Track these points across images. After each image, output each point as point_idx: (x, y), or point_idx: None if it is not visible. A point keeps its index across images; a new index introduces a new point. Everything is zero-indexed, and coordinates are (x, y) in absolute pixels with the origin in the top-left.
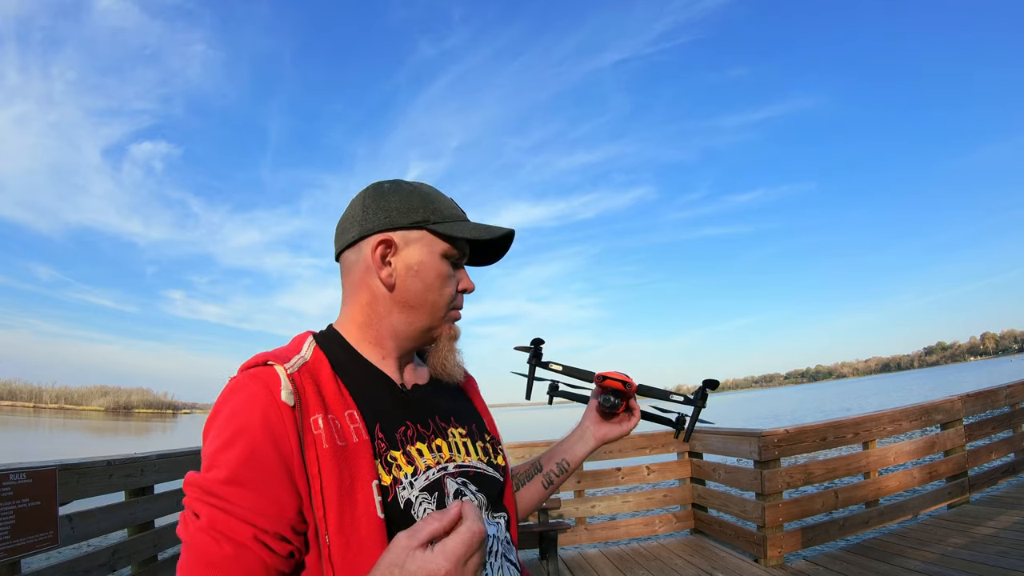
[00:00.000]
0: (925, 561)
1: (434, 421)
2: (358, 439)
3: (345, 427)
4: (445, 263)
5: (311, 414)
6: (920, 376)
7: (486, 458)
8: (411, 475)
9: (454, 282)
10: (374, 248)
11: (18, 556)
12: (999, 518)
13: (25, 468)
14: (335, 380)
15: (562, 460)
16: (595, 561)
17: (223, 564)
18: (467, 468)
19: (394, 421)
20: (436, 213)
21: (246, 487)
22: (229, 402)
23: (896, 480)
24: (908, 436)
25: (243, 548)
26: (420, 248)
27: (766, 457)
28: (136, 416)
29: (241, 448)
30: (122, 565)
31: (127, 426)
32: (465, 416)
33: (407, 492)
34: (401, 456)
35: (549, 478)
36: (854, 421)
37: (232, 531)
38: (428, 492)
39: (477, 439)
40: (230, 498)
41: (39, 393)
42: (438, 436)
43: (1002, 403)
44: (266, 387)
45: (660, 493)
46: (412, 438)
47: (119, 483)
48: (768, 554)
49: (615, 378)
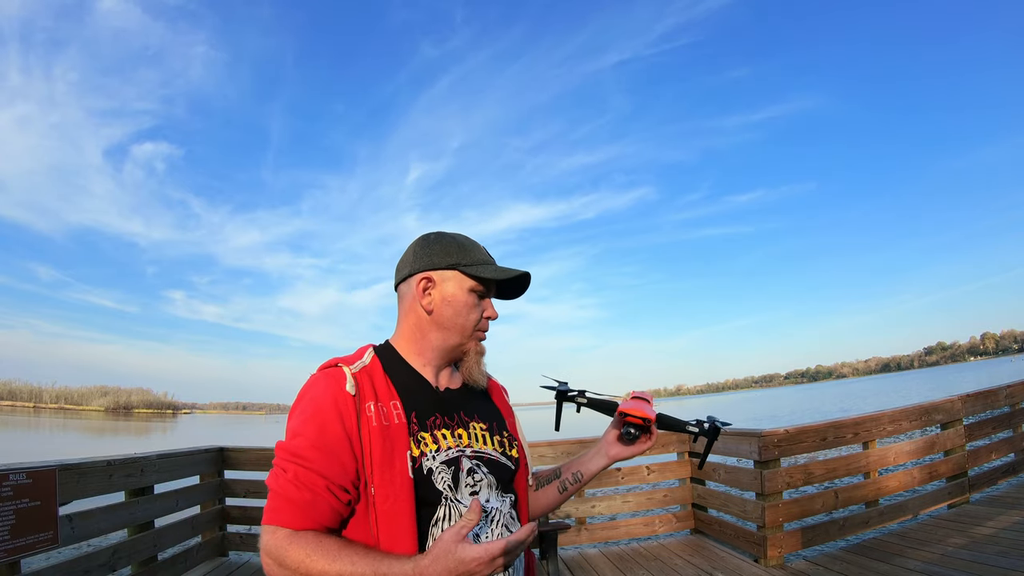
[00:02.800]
0: (925, 561)
1: (459, 415)
2: (398, 422)
3: (390, 412)
4: (472, 295)
5: (366, 401)
6: (920, 376)
7: (501, 449)
8: (434, 451)
9: (479, 310)
10: (418, 283)
11: (18, 556)
12: (999, 518)
13: (25, 468)
14: (385, 379)
15: (577, 471)
16: (595, 561)
17: (304, 506)
18: (482, 454)
19: (426, 411)
20: (466, 257)
21: (321, 451)
22: (310, 391)
23: (896, 480)
24: (908, 436)
25: (318, 495)
26: (453, 284)
27: (766, 457)
28: (136, 416)
29: (318, 423)
30: (122, 565)
31: (127, 426)
32: (487, 415)
33: (430, 462)
34: (428, 437)
35: (564, 485)
36: (854, 421)
37: (311, 483)
38: (447, 465)
39: (495, 434)
40: (310, 458)
41: (39, 393)
42: (460, 427)
43: (1002, 403)
44: (336, 381)
45: (660, 493)
46: (439, 425)
47: (119, 483)
48: (768, 554)
49: (635, 415)
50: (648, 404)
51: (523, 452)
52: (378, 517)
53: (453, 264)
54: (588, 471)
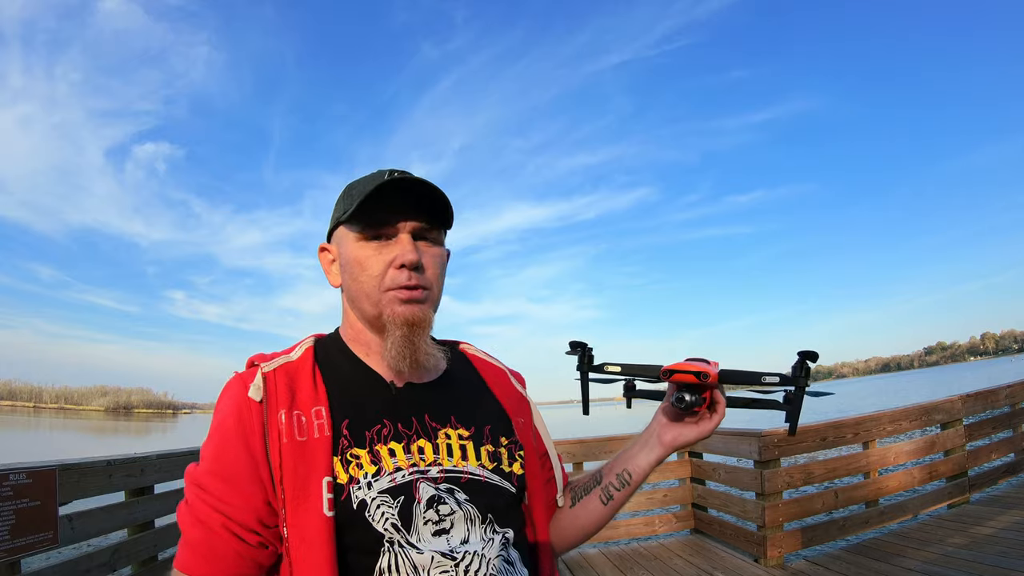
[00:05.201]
0: (925, 561)
1: (421, 421)
2: (319, 435)
3: (309, 423)
4: (364, 245)
5: (277, 409)
6: (920, 376)
7: (493, 464)
8: (372, 475)
9: (380, 260)
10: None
11: (18, 556)
12: (999, 518)
13: (25, 468)
14: (313, 378)
15: (623, 472)
16: (595, 561)
17: (198, 546)
18: (458, 474)
19: (368, 419)
20: (348, 201)
21: (219, 478)
22: (219, 400)
23: (896, 480)
24: (908, 436)
25: (213, 533)
26: (343, 244)
27: (766, 457)
28: (136, 416)
29: (216, 442)
30: (122, 565)
31: (127, 426)
32: (474, 417)
33: (363, 492)
34: (365, 455)
35: (608, 492)
36: (854, 421)
37: (205, 517)
38: (391, 495)
39: (484, 443)
40: (207, 487)
41: (39, 393)
42: (421, 437)
43: (1002, 403)
44: (242, 384)
45: (660, 493)
46: (385, 437)
47: (119, 483)
48: (768, 554)
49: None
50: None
51: (543, 464)
52: (292, 566)
53: (337, 220)
54: (638, 468)
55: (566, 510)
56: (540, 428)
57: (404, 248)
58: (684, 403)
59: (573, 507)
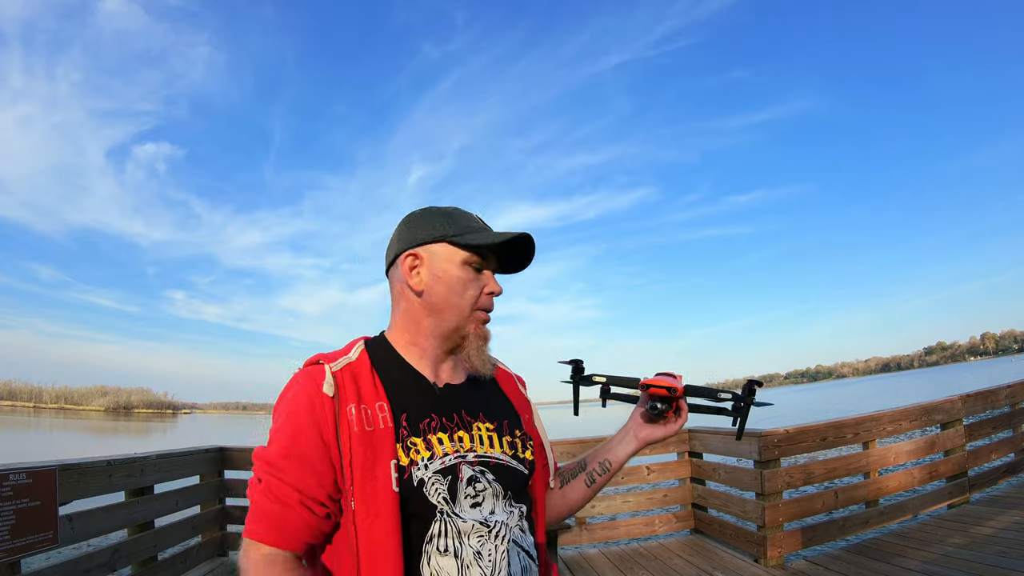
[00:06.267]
0: (925, 561)
1: (459, 415)
2: (384, 426)
3: (375, 415)
4: (467, 269)
5: (346, 403)
6: (920, 376)
7: (512, 451)
8: (427, 459)
9: (477, 285)
10: (404, 262)
11: (18, 556)
12: (999, 518)
13: (25, 468)
14: (372, 377)
15: (604, 460)
16: (595, 561)
17: (275, 520)
18: (488, 459)
19: (420, 413)
20: (456, 226)
21: (293, 460)
22: (287, 392)
23: (896, 480)
24: (908, 436)
25: (289, 508)
26: (443, 258)
27: (766, 457)
28: (136, 416)
29: (291, 430)
30: (122, 565)
31: (127, 426)
32: (496, 412)
33: (421, 472)
34: (421, 442)
35: (592, 477)
36: (854, 421)
37: (282, 495)
38: (442, 475)
39: (505, 434)
40: (282, 468)
41: (39, 393)
42: (461, 428)
43: (1002, 403)
44: (314, 381)
45: (660, 493)
46: (435, 428)
47: (119, 483)
48: (768, 554)
49: (659, 385)
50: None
51: (542, 452)
52: (358, 535)
53: (441, 236)
54: (617, 458)
55: (556, 491)
56: (538, 424)
57: (495, 283)
58: (657, 410)
59: (562, 488)
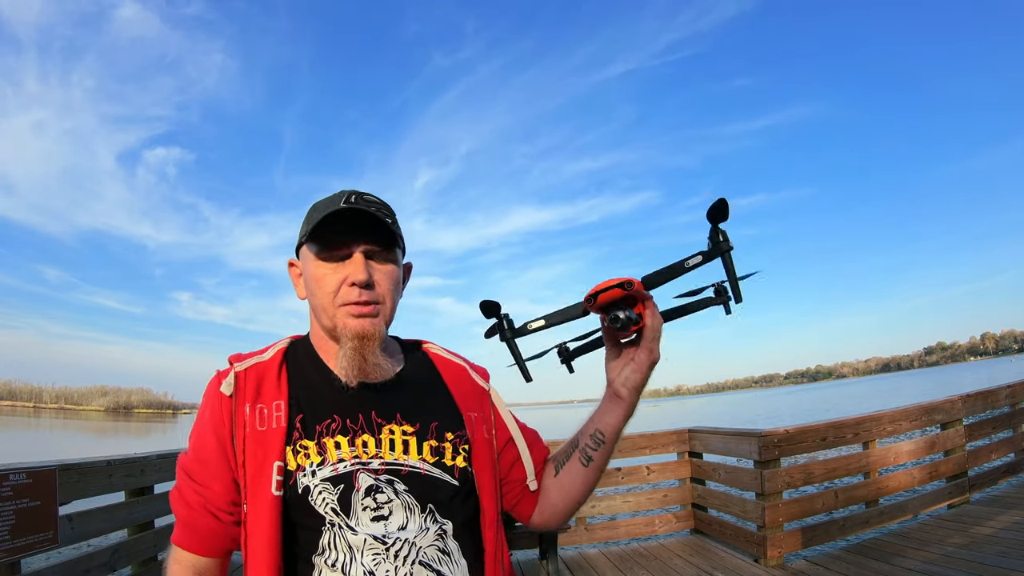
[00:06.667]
0: (925, 561)
1: (367, 417)
2: (276, 425)
3: (270, 415)
4: (323, 264)
5: (243, 403)
6: (920, 376)
7: (435, 458)
8: (317, 464)
9: (335, 278)
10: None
11: (18, 556)
12: (999, 518)
13: (25, 468)
14: (279, 375)
15: (595, 432)
16: (595, 561)
17: (185, 522)
18: (398, 466)
19: (320, 414)
20: (309, 222)
21: (199, 465)
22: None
23: (896, 480)
24: (908, 436)
25: (194, 511)
26: (305, 262)
27: (766, 457)
28: (136, 416)
29: (196, 432)
30: (122, 565)
31: (127, 426)
32: (421, 414)
33: (307, 479)
34: (313, 446)
35: (586, 454)
36: (854, 421)
37: (189, 498)
38: (331, 483)
39: (429, 438)
40: (190, 472)
41: (39, 393)
42: (366, 432)
43: (1002, 403)
44: (217, 382)
45: (660, 493)
46: (333, 431)
47: (119, 483)
48: (768, 554)
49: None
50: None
51: (485, 457)
52: (247, 540)
53: (301, 238)
54: (608, 425)
55: (552, 481)
56: (504, 415)
57: (355, 268)
58: (620, 321)
59: (558, 476)
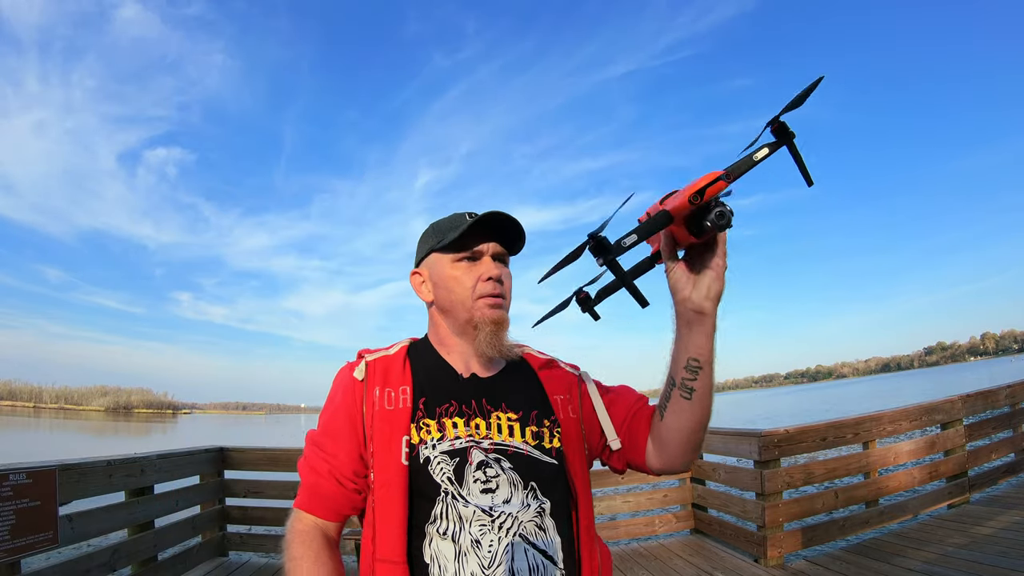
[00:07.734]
0: (925, 561)
1: (480, 404)
2: (402, 406)
3: (397, 397)
4: (457, 266)
5: (373, 387)
6: (920, 376)
7: (535, 441)
8: (437, 439)
9: (472, 275)
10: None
11: (18, 556)
12: (999, 518)
13: (25, 468)
14: (404, 366)
15: (689, 361)
16: None
17: (309, 488)
18: (505, 447)
19: (439, 398)
20: (439, 235)
21: (328, 437)
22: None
23: (896, 480)
24: (908, 436)
25: (321, 478)
26: (437, 266)
27: (766, 457)
28: (136, 416)
29: (329, 411)
30: (122, 565)
31: (127, 426)
32: (523, 403)
33: (428, 451)
34: (434, 424)
35: (686, 387)
36: (854, 421)
37: (317, 466)
38: (449, 456)
39: (530, 424)
40: (320, 444)
41: (39, 393)
42: (478, 416)
43: (1002, 403)
44: (348, 368)
45: (660, 493)
46: (451, 413)
47: (119, 483)
48: (768, 554)
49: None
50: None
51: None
52: (375, 504)
53: (430, 249)
54: (700, 347)
55: (660, 426)
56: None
57: (489, 266)
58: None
59: (664, 419)
